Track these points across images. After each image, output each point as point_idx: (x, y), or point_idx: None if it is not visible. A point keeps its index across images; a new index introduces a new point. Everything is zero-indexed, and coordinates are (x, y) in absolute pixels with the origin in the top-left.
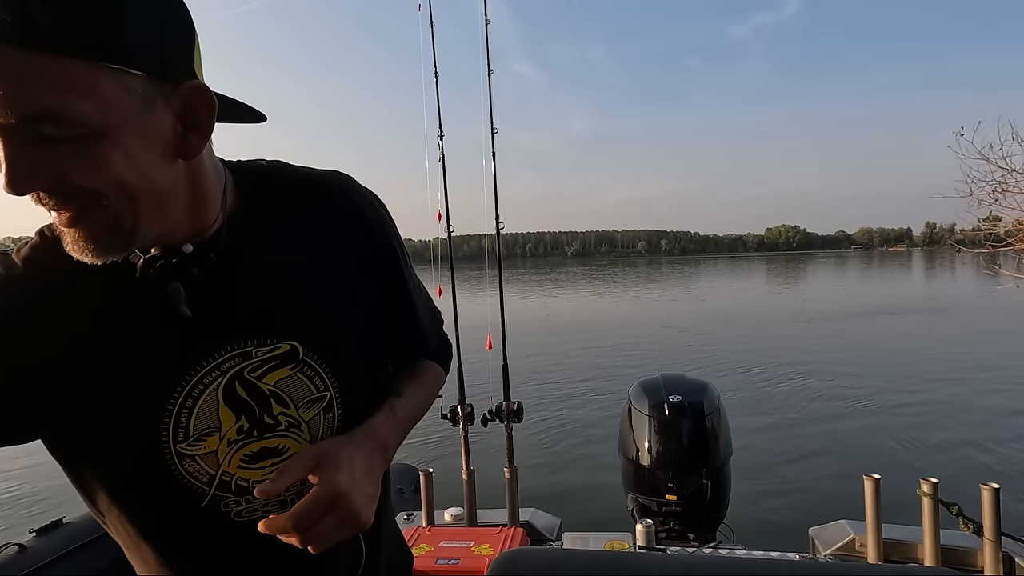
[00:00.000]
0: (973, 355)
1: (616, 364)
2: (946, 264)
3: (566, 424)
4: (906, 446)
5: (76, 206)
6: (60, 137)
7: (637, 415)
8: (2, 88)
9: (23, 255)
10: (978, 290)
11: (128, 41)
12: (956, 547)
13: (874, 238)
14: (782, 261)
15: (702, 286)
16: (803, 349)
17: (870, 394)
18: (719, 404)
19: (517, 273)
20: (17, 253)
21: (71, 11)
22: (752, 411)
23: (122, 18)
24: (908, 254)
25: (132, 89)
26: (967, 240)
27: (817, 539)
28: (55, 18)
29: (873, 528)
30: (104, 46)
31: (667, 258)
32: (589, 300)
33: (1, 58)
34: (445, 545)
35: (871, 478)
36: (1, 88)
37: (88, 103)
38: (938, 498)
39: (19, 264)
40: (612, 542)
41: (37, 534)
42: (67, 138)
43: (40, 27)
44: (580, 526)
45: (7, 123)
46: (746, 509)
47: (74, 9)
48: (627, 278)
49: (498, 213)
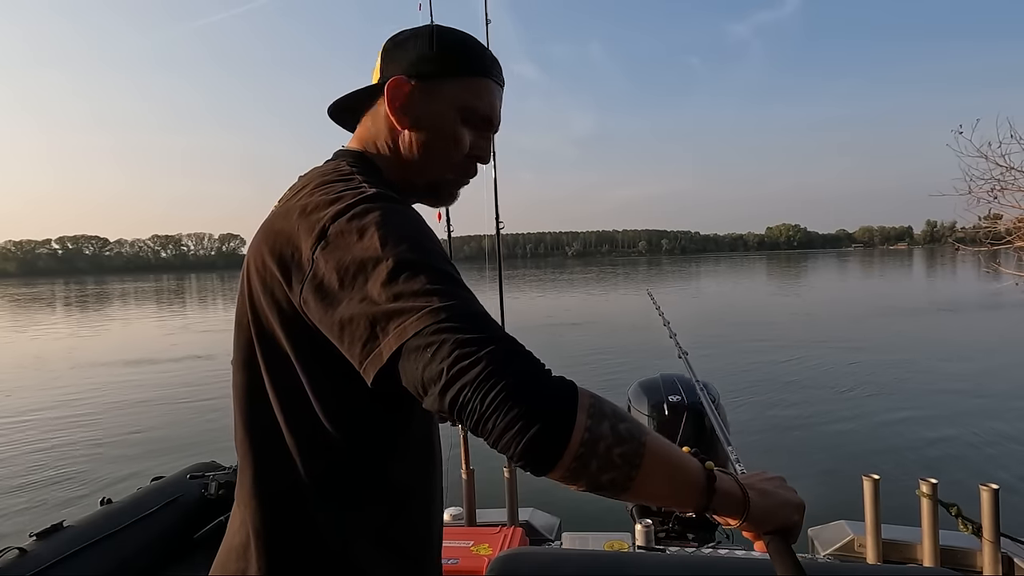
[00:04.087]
0: (973, 355)
1: (616, 364)
2: (947, 262)
3: None
4: (905, 446)
5: (474, 174)
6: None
7: (637, 415)
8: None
9: (400, 199)
10: (978, 289)
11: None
12: (955, 548)
13: (875, 236)
14: (783, 260)
15: (703, 285)
16: (803, 349)
17: (870, 394)
18: (719, 404)
19: (520, 273)
20: (394, 199)
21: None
22: (752, 411)
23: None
24: (909, 252)
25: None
26: (967, 238)
27: (816, 539)
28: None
29: (872, 528)
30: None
31: (668, 258)
32: (590, 300)
33: (500, 95)
34: (445, 544)
35: (870, 478)
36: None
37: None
38: (937, 498)
39: (408, 206)
40: (611, 542)
41: (37, 538)
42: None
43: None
44: (579, 526)
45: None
46: None
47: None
48: (628, 278)
49: (498, 213)
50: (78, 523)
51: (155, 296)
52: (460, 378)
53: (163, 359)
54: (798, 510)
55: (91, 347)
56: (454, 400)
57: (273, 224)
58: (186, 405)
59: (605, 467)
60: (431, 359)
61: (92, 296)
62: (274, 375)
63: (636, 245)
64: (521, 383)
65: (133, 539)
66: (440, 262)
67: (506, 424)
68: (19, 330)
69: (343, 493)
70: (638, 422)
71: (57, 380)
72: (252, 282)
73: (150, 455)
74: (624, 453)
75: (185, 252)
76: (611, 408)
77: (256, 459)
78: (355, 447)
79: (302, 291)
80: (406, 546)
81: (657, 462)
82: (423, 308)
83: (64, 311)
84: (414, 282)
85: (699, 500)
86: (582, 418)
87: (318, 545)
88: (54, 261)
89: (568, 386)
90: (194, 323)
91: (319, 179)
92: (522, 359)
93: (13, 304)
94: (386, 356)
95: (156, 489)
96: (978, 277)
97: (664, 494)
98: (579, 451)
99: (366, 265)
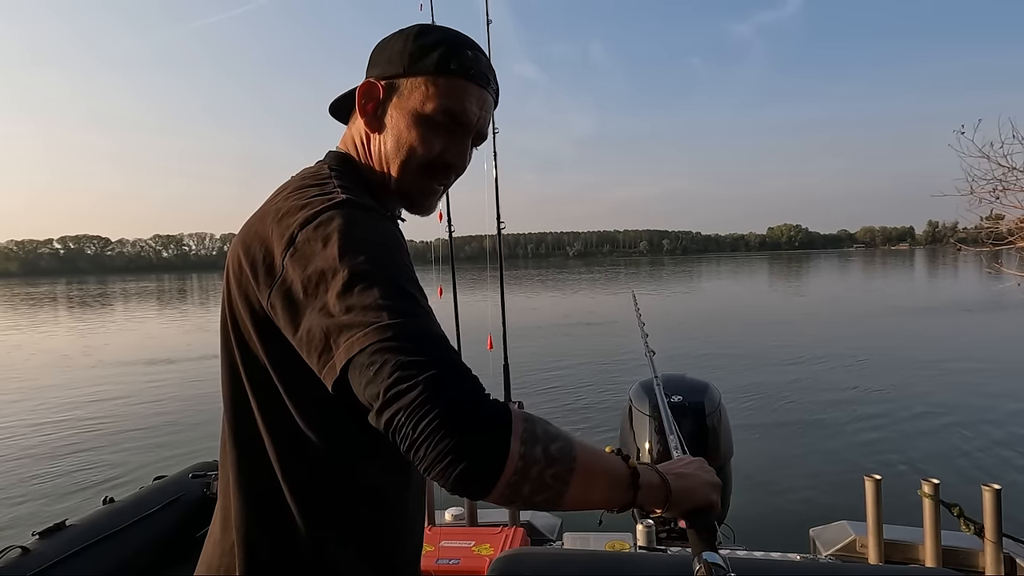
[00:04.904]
0: (975, 355)
1: (617, 364)
2: (949, 263)
3: (567, 424)
4: (907, 446)
5: (450, 181)
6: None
7: (638, 415)
8: (487, 114)
9: (371, 206)
10: (981, 289)
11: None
12: (957, 548)
13: (876, 237)
14: (785, 260)
15: (705, 286)
16: (804, 349)
17: (871, 394)
18: (720, 404)
19: (522, 273)
20: (363, 207)
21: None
22: (753, 411)
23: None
24: (911, 253)
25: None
26: (969, 239)
27: (818, 540)
28: (496, 79)
29: (874, 529)
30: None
31: (669, 258)
32: (591, 299)
33: (480, 97)
34: (446, 545)
35: (872, 479)
36: (487, 114)
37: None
38: (939, 499)
39: (380, 213)
40: (612, 542)
41: (40, 536)
42: (477, 139)
43: (495, 83)
44: (580, 526)
45: (473, 134)
46: (747, 509)
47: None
48: (630, 278)
49: (499, 214)
50: (80, 522)
51: (157, 296)
52: (396, 402)
53: (164, 359)
54: (715, 489)
55: (92, 347)
56: (388, 422)
57: (251, 227)
58: (188, 404)
59: (538, 489)
60: (372, 378)
61: (94, 296)
62: (252, 377)
63: (637, 245)
64: (455, 412)
65: (135, 538)
66: (397, 275)
67: (436, 456)
68: (20, 330)
69: (321, 496)
70: (567, 436)
71: (58, 380)
72: (230, 283)
73: (152, 454)
74: (556, 473)
75: (187, 252)
76: (543, 429)
77: (238, 459)
78: (332, 451)
79: (270, 296)
80: (383, 550)
81: (586, 475)
82: (372, 324)
83: (67, 311)
84: (367, 295)
85: (626, 498)
86: (515, 446)
87: (295, 548)
88: (56, 261)
89: (503, 415)
90: (195, 323)
91: (298, 182)
92: (460, 384)
93: (19, 303)
94: (339, 368)
95: (158, 488)
96: (980, 278)
97: (594, 500)
98: (512, 479)
99: (326, 275)
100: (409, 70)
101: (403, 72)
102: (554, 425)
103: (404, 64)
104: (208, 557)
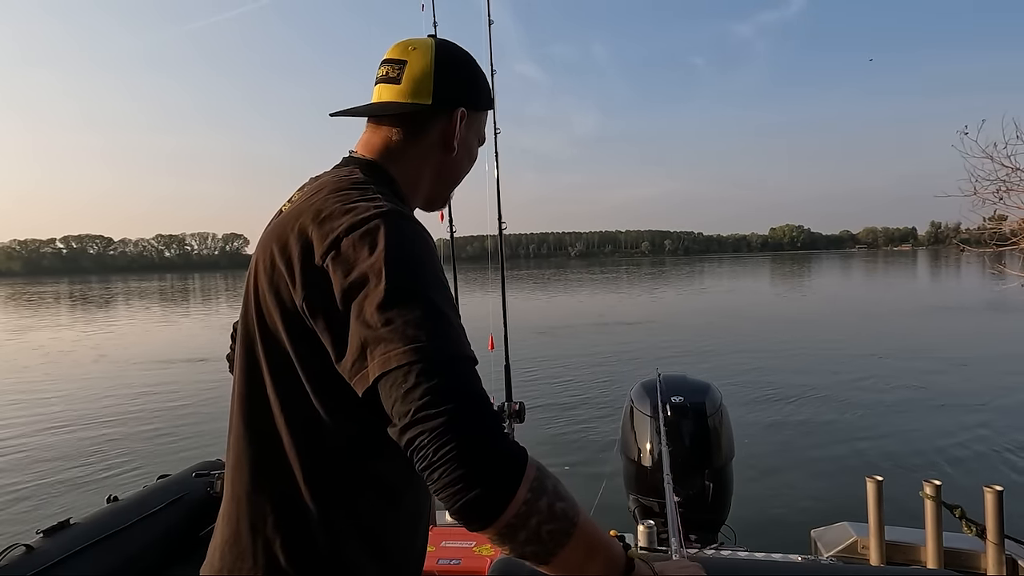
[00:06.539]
0: (977, 356)
1: (618, 364)
2: (951, 264)
3: (568, 425)
4: (909, 448)
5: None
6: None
7: (639, 416)
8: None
9: (413, 217)
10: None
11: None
12: (959, 549)
13: (879, 237)
14: (787, 261)
15: (704, 286)
16: (805, 350)
17: (872, 394)
18: (721, 405)
19: (523, 274)
20: (408, 218)
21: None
22: (754, 412)
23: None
24: (913, 253)
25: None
26: (972, 239)
27: (819, 541)
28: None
29: (875, 530)
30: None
31: (671, 258)
32: (591, 299)
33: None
34: (446, 545)
35: (874, 480)
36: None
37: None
38: (941, 500)
39: (420, 224)
40: None
41: (44, 535)
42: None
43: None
44: None
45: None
46: (748, 510)
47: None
48: (631, 278)
49: (501, 214)
50: (84, 520)
51: (159, 296)
52: (421, 424)
53: (166, 359)
54: None
55: (92, 347)
56: (411, 441)
57: (285, 224)
58: (191, 404)
59: (531, 539)
60: (403, 396)
61: (97, 296)
62: (275, 373)
63: (639, 246)
64: (474, 445)
65: (139, 537)
66: (437, 293)
67: (449, 481)
68: (22, 331)
69: (339, 493)
70: (575, 502)
71: (60, 379)
72: (259, 280)
73: (156, 453)
74: (553, 531)
75: (189, 252)
76: (553, 485)
77: (253, 457)
78: (350, 447)
79: (306, 295)
80: (392, 549)
81: (583, 544)
82: (409, 343)
83: (70, 311)
84: (407, 311)
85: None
86: (522, 491)
87: (309, 543)
88: (58, 260)
89: (518, 456)
90: (196, 324)
91: (334, 184)
92: (483, 420)
93: (29, 302)
94: (371, 379)
95: (162, 487)
96: (983, 278)
97: (584, 572)
98: (511, 521)
99: (368, 283)
100: (482, 103)
101: (481, 105)
102: (565, 488)
103: (480, 98)
104: (213, 556)
